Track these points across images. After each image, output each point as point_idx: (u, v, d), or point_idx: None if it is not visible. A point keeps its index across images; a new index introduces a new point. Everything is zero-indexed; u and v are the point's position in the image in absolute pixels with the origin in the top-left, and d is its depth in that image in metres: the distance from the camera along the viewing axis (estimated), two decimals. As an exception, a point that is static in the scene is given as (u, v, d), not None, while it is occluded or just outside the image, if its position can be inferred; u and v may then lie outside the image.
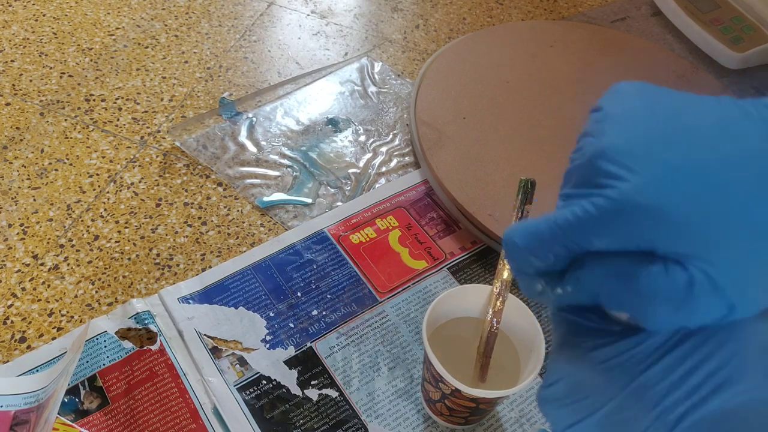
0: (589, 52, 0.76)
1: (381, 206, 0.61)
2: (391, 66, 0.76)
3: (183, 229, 0.58)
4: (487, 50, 0.75)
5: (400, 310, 0.54)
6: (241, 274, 0.55)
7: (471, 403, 0.42)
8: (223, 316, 0.52)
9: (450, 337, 0.46)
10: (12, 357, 0.49)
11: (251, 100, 0.70)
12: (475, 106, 0.68)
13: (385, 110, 0.71)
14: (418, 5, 0.85)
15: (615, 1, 0.89)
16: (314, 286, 0.55)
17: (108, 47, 0.75)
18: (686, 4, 0.82)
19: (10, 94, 0.68)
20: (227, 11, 0.81)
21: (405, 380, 0.50)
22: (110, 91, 0.70)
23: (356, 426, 0.47)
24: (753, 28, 0.78)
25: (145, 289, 0.54)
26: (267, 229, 0.59)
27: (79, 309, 0.52)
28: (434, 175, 0.61)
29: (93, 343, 0.49)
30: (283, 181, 0.63)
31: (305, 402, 0.48)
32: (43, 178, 0.61)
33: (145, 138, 0.65)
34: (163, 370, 0.48)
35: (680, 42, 0.83)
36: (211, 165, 0.63)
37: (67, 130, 0.65)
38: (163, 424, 0.46)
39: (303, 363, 0.50)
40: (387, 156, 0.66)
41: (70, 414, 0.46)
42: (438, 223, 0.60)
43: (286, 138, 0.67)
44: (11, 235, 0.56)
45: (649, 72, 0.74)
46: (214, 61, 0.74)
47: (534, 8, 0.86)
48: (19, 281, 0.54)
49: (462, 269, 0.57)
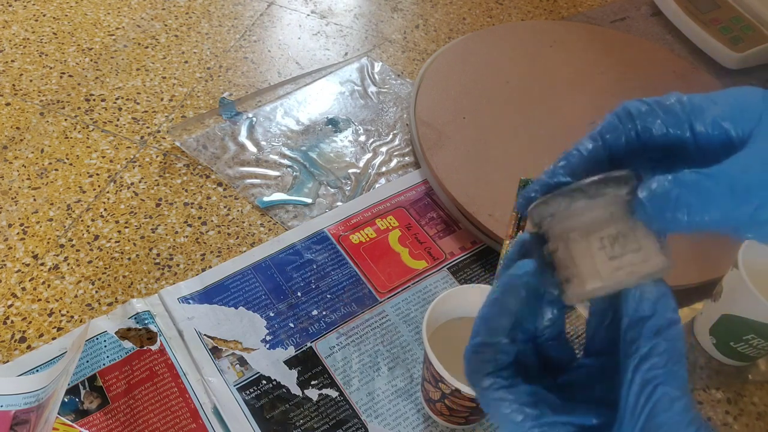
0: (589, 52, 0.76)
1: (381, 206, 0.61)
2: (391, 66, 0.76)
3: (183, 229, 0.58)
4: (487, 50, 0.75)
5: (400, 310, 0.54)
6: (241, 274, 0.55)
7: (471, 403, 0.42)
8: (223, 316, 0.52)
9: (450, 337, 0.46)
10: (12, 357, 0.49)
11: (251, 100, 0.70)
12: (475, 106, 0.68)
13: (385, 110, 0.71)
14: (418, 5, 0.85)
15: (615, 1, 0.89)
16: (314, 286, 0.55)
17: (108, 47, 0.75)
18: (686, 4, 0.82)
19: (10, 94, 0.68)
20: (227, 11, 0.81)
21: (405, 380, 0.50)
22: (110, 91, 0.70)
23: (356, 426, 0.47)
24: (752, 28, 0.78)
25: (145, 289, 0.54)
26: (267, 229, 0.59)
27: (79, 309, 0.52)
28: (434, 175, 0.61)
29: (93, 343, 0.49)
30: (283, 181, 0.63)
31: (305, 402, 0.48)
32: (43, 178, 0.61)
33: (145, 138, 0.65)
34: (163, 370, 0.48)
35: (680, 42, 0.83)
36: (211, 165, 0.63)
37: (67, 130, 0.65)
38: (163, 424, 0.46)
39: (303, 363, 0.50)
40: (387, 156, 0.66)
41: (70, 414, 0.46)
42: (438, 223, 0.60)
43: (286, 138, 0.67)
44: (11, 235, 0.56)
45: (649, 72, 0.74)
46: (214, 61, 0.74)
47: (534, 8, 0.86)
48: (19, 281, 0.54)
49: (462, 269, 0.57)
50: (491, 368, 0.24)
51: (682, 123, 0.24)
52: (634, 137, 0.24)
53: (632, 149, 0.25)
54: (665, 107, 0.24)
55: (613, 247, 0.23)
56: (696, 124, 0.24)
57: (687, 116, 0.24)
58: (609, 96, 0.70)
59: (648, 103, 0.25)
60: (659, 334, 0.22)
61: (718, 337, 0.52)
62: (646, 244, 0.23)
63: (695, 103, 0.24)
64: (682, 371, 0.22)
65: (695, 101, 0.24)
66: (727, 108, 0.23)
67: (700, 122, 0.24)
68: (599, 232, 0.23)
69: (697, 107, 0.24)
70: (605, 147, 0.25)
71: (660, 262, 0.23)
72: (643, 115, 0.24)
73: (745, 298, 0.47)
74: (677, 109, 0.24)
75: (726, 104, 0.24)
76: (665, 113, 0.24)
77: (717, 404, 0.51)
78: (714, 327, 0.51)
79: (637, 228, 0.23)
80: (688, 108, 0.24)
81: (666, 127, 0.24)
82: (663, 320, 0.22)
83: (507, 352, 0.25)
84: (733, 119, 0.23)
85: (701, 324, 0.53)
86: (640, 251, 0.23)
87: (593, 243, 0.23)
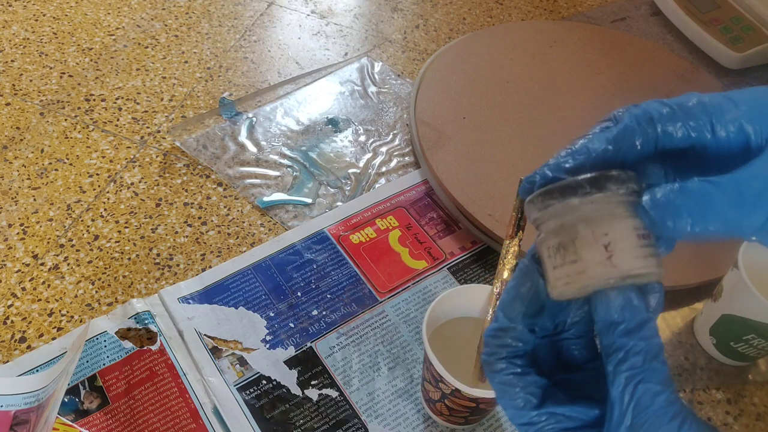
0: (589, 52, 0.76)
1: (381, 206, 0.61)
2: (391, 66, 0.76)
3: (183, 229, 0.58)
4: (487, 50, 0.75)
5: (400, 310, 0.54)
6: (241, 274, 0.55)
7: (471, 403, 0.42)
8: (223, 316, 0.52)
9: (450, 337, 0.46)
10: (12, 357, 0.49)
11: (251, 100, 0.70)
12: (475, 106, 0.68)
13: (385, 110, 0.71)
14: (418, 5, 0.85)
15: (615, 1, 0.89)
16: (314, 286, 0.55)
17: (108, 47, 0.75)
18: (686, 4, 0.82)
19: (10, 94, 0.68)
20: (227, 11, 0.81)
21: (405, 380, 0.50)
22: (110, 91, 0.70)
23: (356, 426, 0.47)
24: (752, 28, 0.78)
25: (145, 289, 0.54)
26: (267, 229, 0.59)
27: (79, 309, 0.52)
28: (434, 175, 0.61)
29: (93, 343, 0.49)
30: (283, 181, 0.63)
31: (305, 402, 0.48)
32: (43, 178, 0.61)
33: (145, 138, 0.65)
34: (163, 370, 0.48)
35: (680, 42, 0.83)
36: (211, 165, 0.63)
37: (67, 130, 0.65)
38: (163, 424, 0.46)
39: (303, 363, 0.50)
40: (387, 156, 0.66)
41: (70, 414, 0.46)
42: (438, 223, 0.60)
43: (286, 138, 0.67)
44: (11, 235, 0.56)
45: (649, 72, 0.74)
46: (214, 61, 0.74)
47: (534, 8, 0.86)
48: (19, 281, 0.54)
49: (462, 269, 0.57)
50: (506, 353, 0.25)
51: (703, 127, 0.23)
52: (652, 143, 0.24)
53: (646, 155, 0.24)
54: (687, 110, 0.24)
55: (556, 257, 0.23)
56: (717, 127, 0.23)
57: (708, 118, 0.23)
58: (609, 96, 0.70)
59: (669, 105, 0.24)
60: (632, 335, 0.22)
61: (718, 337, 0.52)
62: (586, 255, 0.22)
63: (716, 105, 0.23)
64: (661, 366, 0.22)
65: (716, 102, 0.23)
66: (747, 109, 0.23)
67: (721, 125, 0.23)
68: (548, 242, 0.23)
69: (718, 108, 0.23)
70: (618, 154, 0.24)
71: (604, 274, 0.22)
72: (665, 119, 0.24)
73: (745, 298, 0.47)
74: (698, 112, 0.23)
75: (747, 105, 0.23)
76: (687, 117, 0.23)
77: (717, 404, 0.51)
78: (714, 327, 0.51)
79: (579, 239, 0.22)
80: (709, 109, 0.23)
81: (688, 132, 0.23)
82: (632, 323, 0.22)
83: (525, 341, 0.26)
84: (752, 121, 0.23)
85: (701, 324, 0.53)
86: (576, 263, 0.23)
87: (544, 252, 0.24)
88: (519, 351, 0.25)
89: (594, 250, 0.22)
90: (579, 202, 0.23)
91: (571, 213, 0.23)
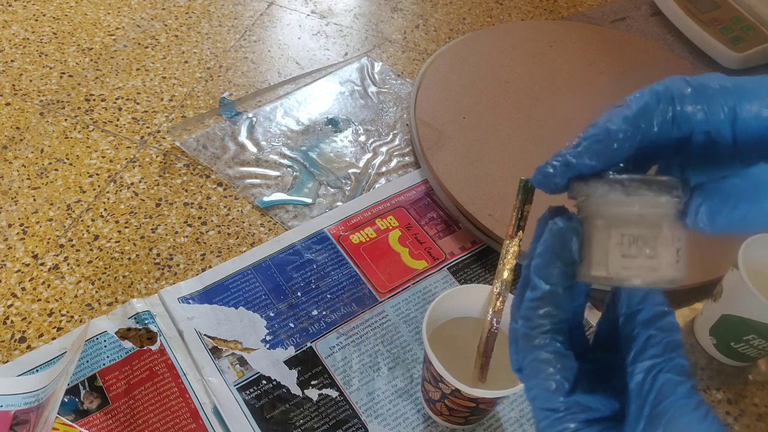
0: (589, 52, 0.76)
1: (381, 206, 0.61)
2: (391, 66, 0.76)
3: (183, 229, 0.58)
4: (487, 50, 0.75)
5: (400, 310, 0.54)
6: (241, 274, 0.55)
7: (471, 403, 0.42)
8: (223, 316, 0.52)
9: (450, 337, 0.46)
10: (12, 357, 0.49)
11: (251, 100, 0.70)
12: (475, 106, 0.68)
13: (385, 110, 0.71)
14: (418, 5, 0.85)
15: (615, 1, 0.89)
16: (314, 286, 0.55)
17: (108, 47, 0.75)
18: (686, 4, 0.82)
19: (10, 94, 0.68)
20: (227, 11, 0.81)
21: (405, 380, 0.50)
22: (110, 91, 0.70)
23: (356, 426, 0.47)
24: (752, 28, 0.78)
25: (145, 289, 0.54)
26: (267, 229, 0.59)
27: (79, 309, 0.52)
28: (434, 175, 0.61)
29: (93, 343, 0.49)
30: (283, 181, 0.63)
31: (305, 402, 0.48)
32: (43, 178, 0.61)
33: (145, 138, 0.65)
34: (163, 370, 0.48)
35: (680, 42, 0.83)
36: (211, 165, 0.63)
37: (67, 130, 0.65)
38: (163, 424, 0.46)
39: (303, 363, 0.50)
40: (387, 156, 0.66)
41: (70, 414, 0.46)
42: (438, 223, 0.60)
43: (286, 138, 0.67)
44: (11, 235, 0.56)
45: (649, 72, 0.74)
46: (214, 61, 0.74)
47: (534, 8, 0.86)
48: (19, 281, 0.54)
49: (462, 269, 0.57)
50: (550, 325, 0.24)
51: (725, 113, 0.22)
52: (670, 124, 0.22)
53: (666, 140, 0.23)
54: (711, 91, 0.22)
55: (630, 247, 0.23)
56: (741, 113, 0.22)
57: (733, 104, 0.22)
58: (609, 96, 0.70)
59: (690, 82, 0.22)
60: (651, 325, 0.22)
61: (719, 338, 0.52)
62: (663, 255, 0.23)
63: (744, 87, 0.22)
64: (680, 360, 0.22)
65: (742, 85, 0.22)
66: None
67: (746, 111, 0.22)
68: (622, 228, 0.23)
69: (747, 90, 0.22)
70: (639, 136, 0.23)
71: (668, 276, 0.23)
72: (687, 99, 0.22)
73: (745, 298, 0.47)
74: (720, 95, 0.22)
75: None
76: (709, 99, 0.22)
77: (717, 405, 0.51)
78: (714, 327, 0.51)
79: (660, 238, 0.23)
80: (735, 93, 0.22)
81: (707, 117, 0.22)
82: (652, 312, 0.22)
83: (566, 309, 0.24)
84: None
85: (701, 324, 0.53)
86: (653, 259, 0.23)
87: (613, 236, 0.24)
88: (562, 324, 0.24)
89: (669, 252, 0.23)
90: (666, 200, 0.23)
91: (656, 208, 0.23)
